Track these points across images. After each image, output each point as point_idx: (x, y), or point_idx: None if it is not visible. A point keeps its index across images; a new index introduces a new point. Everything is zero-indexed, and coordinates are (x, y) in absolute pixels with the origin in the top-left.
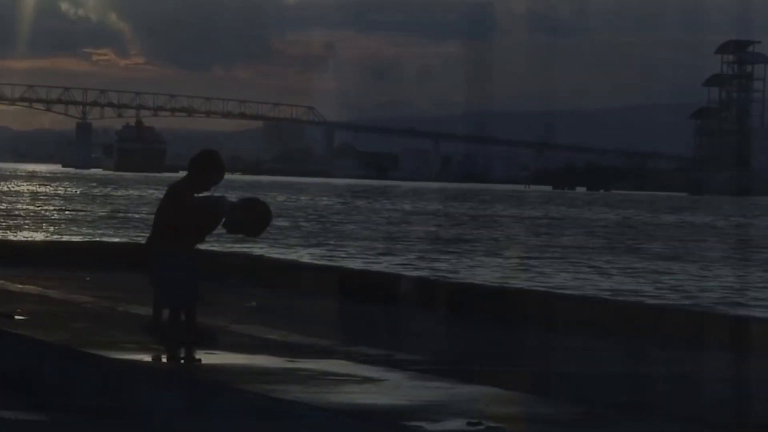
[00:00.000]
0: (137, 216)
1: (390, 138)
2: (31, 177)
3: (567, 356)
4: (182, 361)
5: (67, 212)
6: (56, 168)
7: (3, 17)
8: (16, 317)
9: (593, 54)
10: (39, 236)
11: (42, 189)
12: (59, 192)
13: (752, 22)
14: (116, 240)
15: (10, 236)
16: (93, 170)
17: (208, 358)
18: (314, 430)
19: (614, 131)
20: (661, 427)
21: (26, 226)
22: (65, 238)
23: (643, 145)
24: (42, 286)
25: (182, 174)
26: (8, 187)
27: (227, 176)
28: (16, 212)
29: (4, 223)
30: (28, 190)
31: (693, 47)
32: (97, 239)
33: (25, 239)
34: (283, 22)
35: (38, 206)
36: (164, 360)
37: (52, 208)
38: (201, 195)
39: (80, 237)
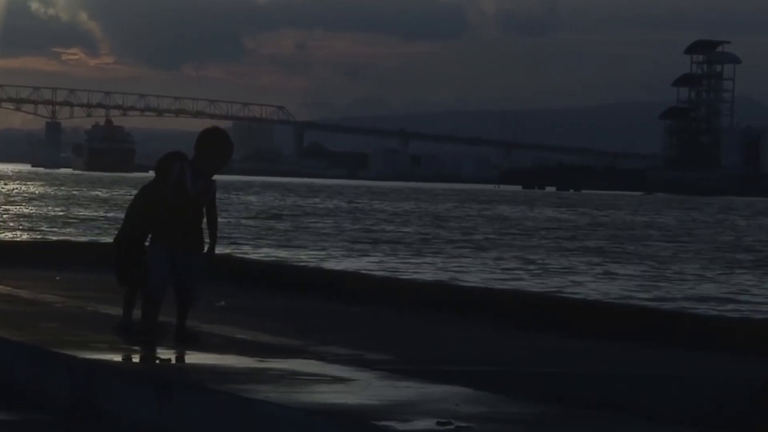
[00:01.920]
0: (110, 215)
1: (360, 138)
2: (3, 177)
3: (540, 356)
4: (156, 360)
5: (35, 212)
6: (25, 167)
7: None
8: None
9: (563, 53)
10: (8, 236)
11: (11, 188)
12: (29, 191)
13: (721, 22)
14: (86, 239)
15: None
16: (62, 170)
17: (177, 357)
18: (285, 430)
19: (584, 131)
20: (632, 425)
21: None
22: (34, 237)
23: (612, 144)
24: (11, 285)
25: (151, 174)
26: None
27: None
28: None
29: None
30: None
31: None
32: (67, 238)
33: None
34: (254, 22)
35: (7, 206)
36: (135, 360)
37: (21, 207)
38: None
39: (50, 236)
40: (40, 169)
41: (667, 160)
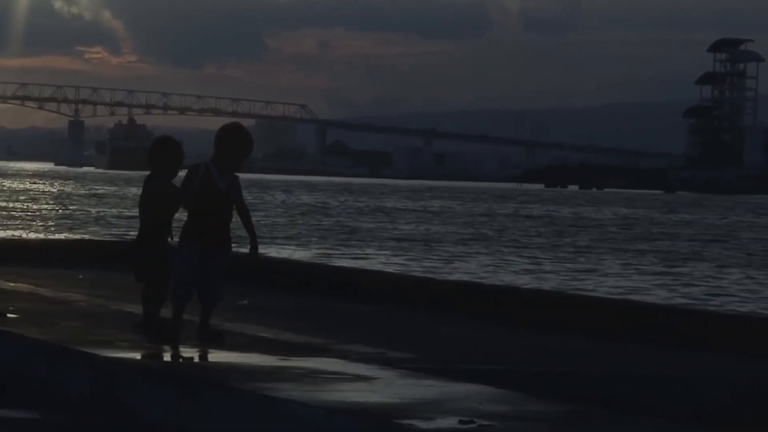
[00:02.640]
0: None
1: (382, 136)
2: (23, 175)
3: (562, 356)
4: (179, 359)
5: (59, 210)
6: (48, 166)
7: None
8: (8, 315)
9: (585, 52)
10: (31, 234)
11: (34, 186)
12: (52, 190)
13: (745, 20)
14: (109, 237)
15: (2, 234)
16: (85, 168)
17: (200, 356)
18: (307, 429)
19: (607, 129)
20: (652, 426)
21: (18, 224)
22: (58, 235)
23: (635, 143)
24: (34, 284)
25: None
26: (0, 185)
27: None
28: (8, 210)
29: None
30: (19, 187)
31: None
32: (90, 237)
33: (17, 237)
34: (276, 21)
35: (30, 204)
36: (157, 358)
37: (44, 206)
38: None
39: (73, 235)
40: (63, 168)
41: (689, 158)
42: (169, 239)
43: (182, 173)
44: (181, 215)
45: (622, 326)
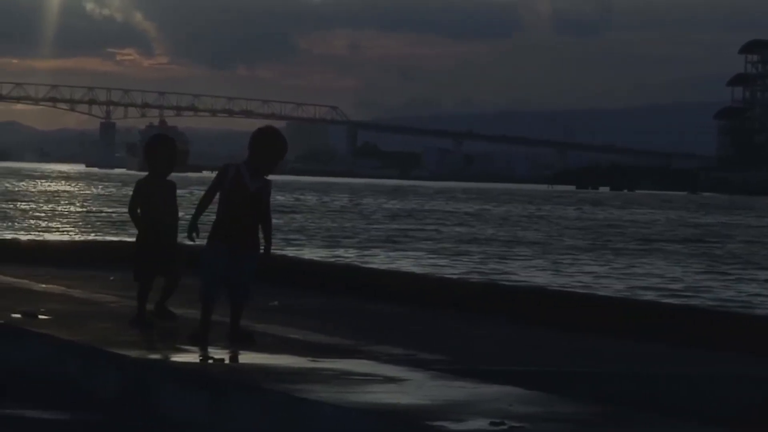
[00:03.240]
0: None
1: (412, 137)
2: (54, 177)
3: (593, 357)
4: (209, 360)
5: (90, 211)
6: (80, 168)
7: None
8: (40, 316)
9: (616, 53)
10: (62, 235)
11: (66, 188)
12: (84, 192)
13: None
14: None
15: (34, 235)
16: (117, 170)
17: (230, 357)
18: (337, 430)
19: (637, 131)
20: (685, 428)
21: (50, 226)
22: (89, 237)
23: (666, 144)
24: (65, 285)
25: (205, 174)
26: (33, 187)
27: None
28: (40, 211)
29: (27, 223)
30: (51, 189)
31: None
32: (122, 239)
33: (49, 238)
34: (307, 22)
35: (61, 205)
36: (187, 359)
37: (75, 207)
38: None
39: (104, 236)
40: (95, 169)
41: (720, 160)
42: (195, 237)
43: (195, 174)
44: (208, 215)
45: (655, 327)
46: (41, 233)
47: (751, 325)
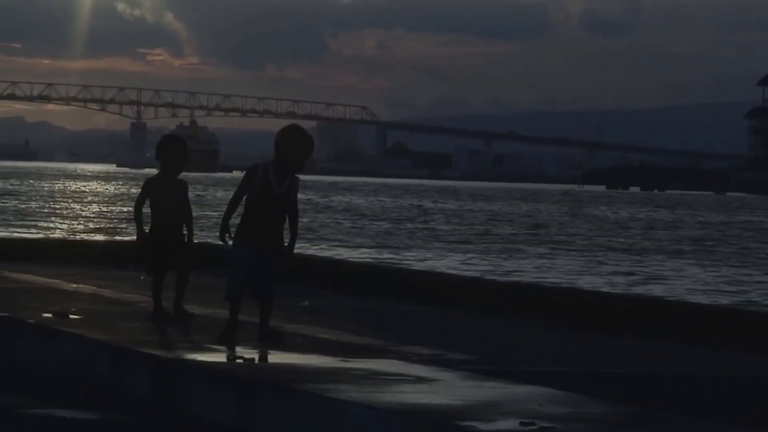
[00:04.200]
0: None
1: (442, 138)
2: (86, 177)
3: (623, 357)
4: (238, 360)
5: (123, 211)
6: (111, 168)
7: (59, 18)
8: (71, 316)
9: (646, 53)
10: (93, 235)
11: (98, 188)
12: (115, 192)
13: None
14: None
15: (64, 235)
16: (147, 170)
17: (260, 357)
18: (367, 430)
19: (667, 131)
20: (715, 429)
21: (81, 226)
22: (120, 237)
23: (696, 144)
24: (96, 285)
25: (235, 174)
26: (64, 187)
27: None
28: (70, 212)
29: (58, 223)
30: (83, 189)
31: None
32: None
33: (79, 238)
34: (337, 22)
35: (92, 205)
36: (217, 359)
37: (109, 206)
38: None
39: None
40: (126, 169)
41: (751, 160)
42: (227, 238)
43: (225, 174)
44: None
45: (686, 328)
46: (71, 233)
47: None
